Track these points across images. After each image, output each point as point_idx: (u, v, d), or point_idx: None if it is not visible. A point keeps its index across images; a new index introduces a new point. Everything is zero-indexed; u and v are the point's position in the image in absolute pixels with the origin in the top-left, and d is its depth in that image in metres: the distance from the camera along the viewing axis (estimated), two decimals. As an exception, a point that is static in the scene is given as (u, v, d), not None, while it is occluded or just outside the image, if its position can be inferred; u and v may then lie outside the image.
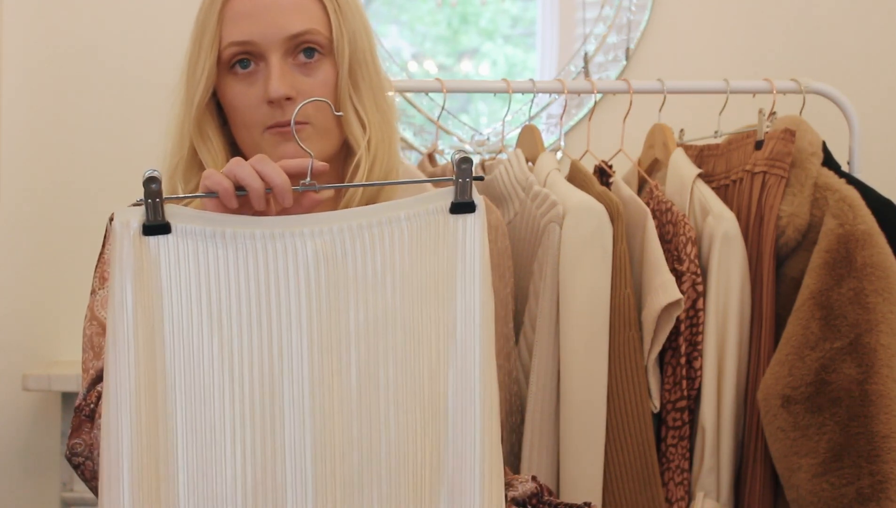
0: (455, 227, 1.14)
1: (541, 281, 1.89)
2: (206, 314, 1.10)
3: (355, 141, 1.38)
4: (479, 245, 1.14)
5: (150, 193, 1.08)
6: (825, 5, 2.65)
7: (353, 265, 1.12)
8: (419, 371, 1.13)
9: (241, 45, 1.35)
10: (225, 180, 1.14)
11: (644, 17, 2.63)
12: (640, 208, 1.95)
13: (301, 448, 1.10)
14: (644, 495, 1.86)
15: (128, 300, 1.07)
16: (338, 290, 1.12)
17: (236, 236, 1.11)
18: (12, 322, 2.53)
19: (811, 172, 1.90)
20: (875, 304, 1.80)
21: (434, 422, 1.13)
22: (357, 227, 1.13)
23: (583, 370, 1.85)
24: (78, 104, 2.53)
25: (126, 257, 1.08)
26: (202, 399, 1.09)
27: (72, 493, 2.44)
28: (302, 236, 1.11)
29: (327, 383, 1.11)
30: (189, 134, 1.39)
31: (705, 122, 2.21)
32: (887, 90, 2.65)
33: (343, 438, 1.11)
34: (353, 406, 1.11)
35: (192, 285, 1.10)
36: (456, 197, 1.14)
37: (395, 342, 1.12)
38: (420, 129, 2.61)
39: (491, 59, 2.82)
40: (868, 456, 1.76)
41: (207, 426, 1.09)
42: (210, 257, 1.10)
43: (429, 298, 1.13)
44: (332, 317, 1.11)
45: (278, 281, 1.11)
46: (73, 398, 2.42)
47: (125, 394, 1.06)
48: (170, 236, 1.10)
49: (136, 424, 1.06)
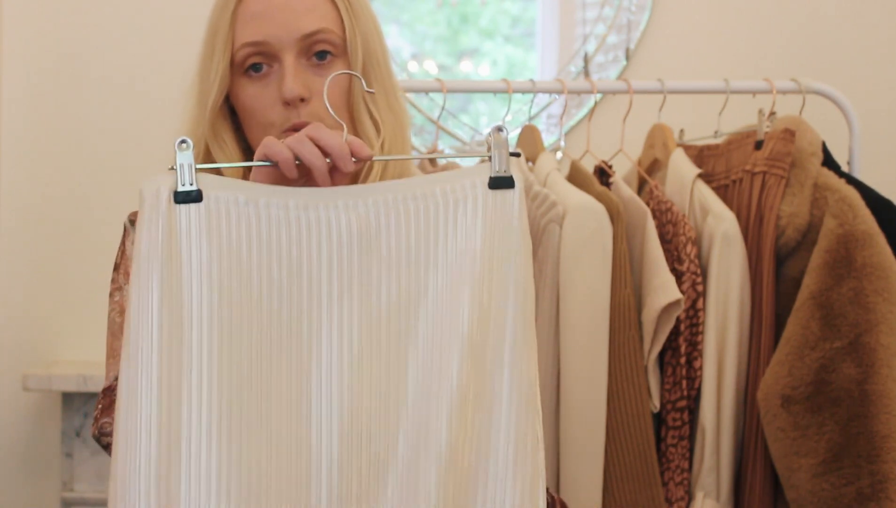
0: (494, 203, 1.11)
1: (541, 281, 1.89)
2: (236, 285, 1.07)
3: (369, 142, 1.37)
4: (518, 223, 1.12)
5: (182, 157, 1.05)
6: (826, 6, 2.65)
7: (387, 240, 1.10)
8: (453, 352, 1.09)
9: (254, 45, 1.34)
10: (286, 151, 1.12)
11: (644, 17, 2.63)
12: (640, 208, 1.95)
13: (329, 424, 1.08)
14: (644, 495, 1.86)
15: (154, 271, 1.04)
16: (370, 264, 1.09)
17: (269, 205, 1.08)
18: (12, 322, 2.53)
19: (811, 172, 1.90)
20: (875, 304, 1.80)
21: (464, 405, 1.10)
22: (392, 200, 1.10)
23: (583, 370, 1.85)
24: (78, 106, 2.53)
25: (154, 228, 1.05)
26: (229, 378, 1.06)
27: (72, 493, 2.44)
28: (336, 209, 1.09)
29: (357, 359, 1.09)
30: (203, 136, 1.38)
31: (705, 122, 2.22)
32: (887, 90, 2.64)
33: (371, 417, 1.08)
34: (382, 385, 1.09)
35: (222, 257, 1.07)
36: (494, 171, 1.11)
37: (426, 320, 1.10)
38: (420, 129, 2.61)
39: (491, 59, 2.82)
40: (868, 456, 1.76)
41: (234, 396, 1.06)
42: (242, 227, 1.07)
43: (464, 276, 1.10)
44: (364, 291, 1.09)
45: (311, 252, 1.08)
46: (74, 398, 2.43)
47: (146, 362, 1.04)
48: (201, 205, 1.06)
49: (158, 389, 1.04)
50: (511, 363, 1.10)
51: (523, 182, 1.13)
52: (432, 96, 2.16)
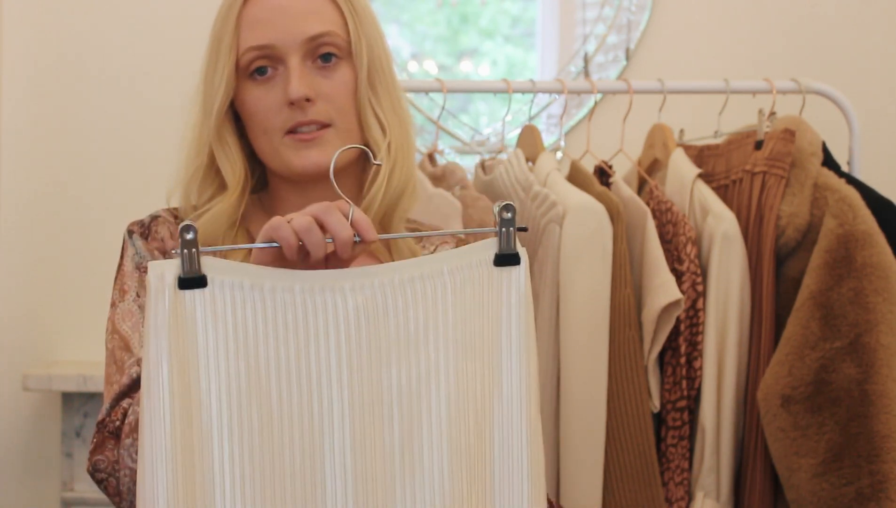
0: (500, 280, 1.12)
1: (541, 281, 1.89)
2: (244, 371, 1.06)
3: (376, 144, 1.37)
4: (524, 298, 1.12)
5: (186, 243, 1.04)
6: (825, 6, 2.65)
7: (395, 321, 1.09)
8: (464, 430, 1.10)
9: (259, 49, 1.34)
10: (293, 237, 1.10)
11: (644, 17, 2.63)
12: (640, 208, 1.95)
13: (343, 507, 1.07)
14: (644, 495, 1.86)
15: (163, 357, 1.03)
16: (379, 346, 1.08)
17: (275, 289, 1.07)
18: (12, 322, 2.53)
19: (811, 172, 1.90)
20: (875, 304, 1.80)
21: (480, 483, 1.10)
22: (399, 282, 1.09)
23: (583, 370, 1.85)
24: (78, 106, 2.53)
25: (161, 313, 1.03)
26: (241, 459, 1.05)
27: (72, 493, 2.44)
28: (342, 292, 1.08)
29: (369, 442, 1.08)
30: (208, 142, 1.38)
31: (705, 122, 2.21)
32: (887, 90, 2.65)
33: (385, 499, 1.08)
34: (396, 466, 1.08)
35: (229, 340, 1.06)
36: (500, 248, 1.11)
37: (438, 400, 1.09)
38: (420, 129, 2.61)
39: (491, 59, 2.82)
40: (868, 456, 1.76)
41: (248, 486, 1.05)
42: (248, 311, 1.06)
43: (473, 354, 1.11)
44: (374, 374, 1.08)
45: (318, 337, 1.07)
46: (73, 397, 2.43)
47: (161, 452, 1.03)
48: (206, 290, 1.05)
49: (174, 484, 1.03)
50: (528, 439, 1.11)
51: (527, 256, 1.14)
52: (432, 96, 2.16)
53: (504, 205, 1.11)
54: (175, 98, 1.45)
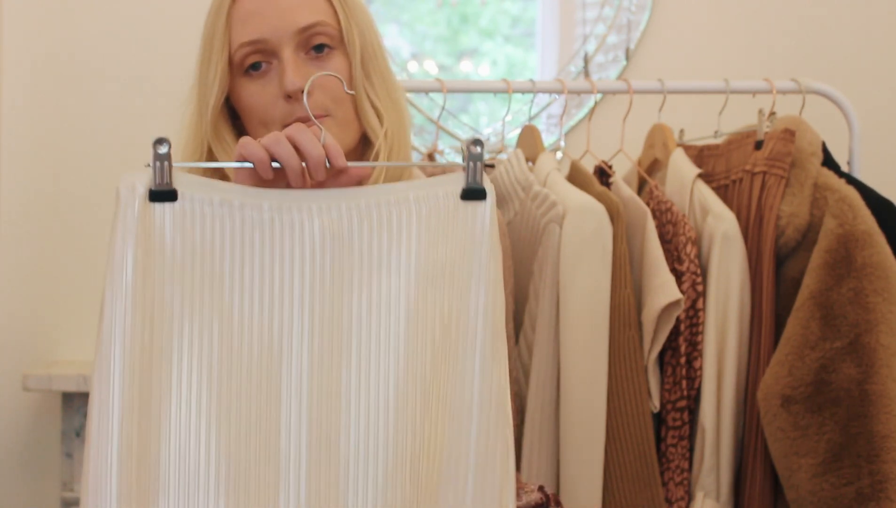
0: (465, 213, 1.12)
1: (541, 281, 1.89)
2: (208, 285, 1.08)
3: (373, 131, 1.38)
4: (489, 233, 1.12)
5: (158, 156, 1.05)
6: (826, 6, 2.65)
7: (360, 245, 1.10)
8: (421, 359, 1.11)
9: (252, 44, 1.35)
10: (261, 151, 1.12)
11: (644, 17, 2.63)
12: (640, 208, 1.95)
13: (297, 428, 1.08)
14: (644, 495, 1.86)
15: (128, 265, 1.05)
16: (342, 269, 1.10)
17: (244, 206, 1.09)
18: (12, 322, 2.53)
19: (811, 172, 1.90)
20: (875, 304, 1.80)
21: (434, 412, 1.11)
22: (365, 206, 1.11)
23: (583, 370, 1.85)
24: (79, 106, 2.53)
25: (130, 223, 1.06)
26: (199, 371, 1.07)
27: (72, 493, 2.44)
28: (310, 212, 1.10)
29: (327, 363, 1.09)
30: (205, 139, 1.38)
31: (705, 122, 2.22)
32: (887, 90, 2.65)
33: (341, 421, 1.09)
34: (352, 389, 1.09)
35: (195, 254, 1.08)
36: (467, 182, 1.12)
37: (398, 327, 1.10)
38: (420, 129, 2.61)
39: (491, 59, 2.82)
40: (868, 456, 1.76)
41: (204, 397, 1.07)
42: (217, 226, 1.08)
43: (435, 284, 1.11)
44: (336, 296, 1.10)
45: (283, 256, 1.09)
46: (73, 398, 2.42)
47: (118, 358, 1.05)
48: (176, 204, 1.07)
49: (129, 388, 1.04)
50: (481, 371, 1.11)
51: (495, 194, 1.14)
52: (432, 96, 2.16)
53: (473, 140, 1.12)
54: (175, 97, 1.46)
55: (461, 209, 1.13)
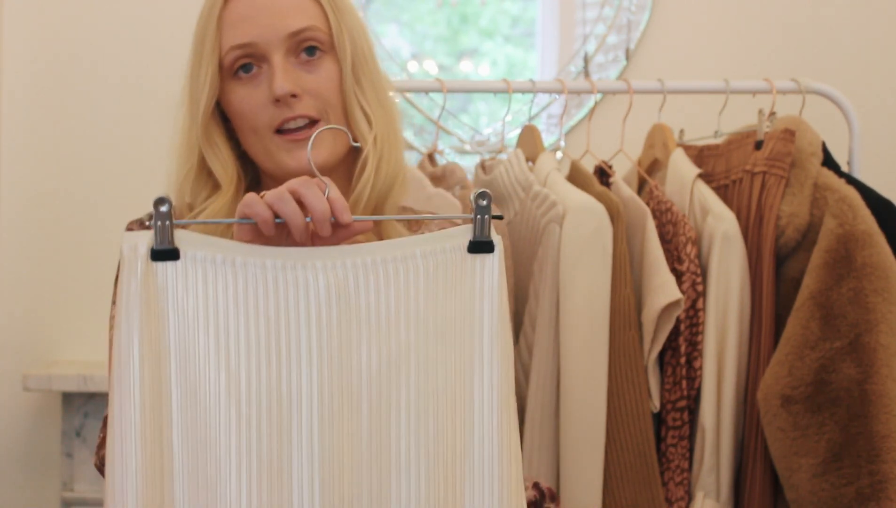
0: (473, 267, 1.11)
1: (541, 281, 1.89)
2: (213, 346, 1.06)
3: (362, 137, 1.37)
4: (497, 287, 1.11)
5: (160, 215, 1.03)
6: (826, 6, 2.65)
7: (366, 302, 1.08)
8: (433, 415, 1.09)
9: (242, 48, 1.34)
10: (266, 211, 1.10)
11: (644, 17, 2.63)
12: (640, 208, 1.95)
13: (309, 491, 1.06)
14: (644, 495, 1.86)
15: (133, 329, 1.03)
16: (350, 326, 1.08)
17: (247, 265, 1.06)
18: (12, 322, 2.53)
19: (811, 172, 1.90)
20: (875, 304, 1.80)
21: (451, 469, 1.09)
22: (371, 263, 1.09)
23: (583, 370, 1.85)
24: (78, 108, 2.53)
25: (133, 283, 1.04)
26: (206, 435, 1.05)
27: (72, 493, 2.44)
28: (314, 270, 1.07)
29: (337, 423, 1.07)
30: (197, 143, 1.37)
31: (705, 122, 2.22)
32: (887, 90, 2.65)
33: (352, 482, 1.07)
34: (364, 449, 1.08)
35: (199, 314, 1.05)
36: (474, 235, 1.11)
37: (408, 384, 1.09)
38: (420, 129, 2.61)
39: (491, 59, 2.82)
40: (868, 456, 1.76)
41: (212, 464, 1.05)
42: (219, 286, 1.06)
43: (444, 339, 1.10)
44: (344, 354, 1.07)
45: (288, 314, 1.07)
46: (74, 397, 2.43)
47: (130, 425, 1.03)
48: (178, 263, 1.05)
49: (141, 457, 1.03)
50: (499, 426, 1.10)
51: (502, 245, 1.13)
52: (432, 96, 2.16)
53: (480, 192, 1.10)
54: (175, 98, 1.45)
55: (468, 261, 1.11)
